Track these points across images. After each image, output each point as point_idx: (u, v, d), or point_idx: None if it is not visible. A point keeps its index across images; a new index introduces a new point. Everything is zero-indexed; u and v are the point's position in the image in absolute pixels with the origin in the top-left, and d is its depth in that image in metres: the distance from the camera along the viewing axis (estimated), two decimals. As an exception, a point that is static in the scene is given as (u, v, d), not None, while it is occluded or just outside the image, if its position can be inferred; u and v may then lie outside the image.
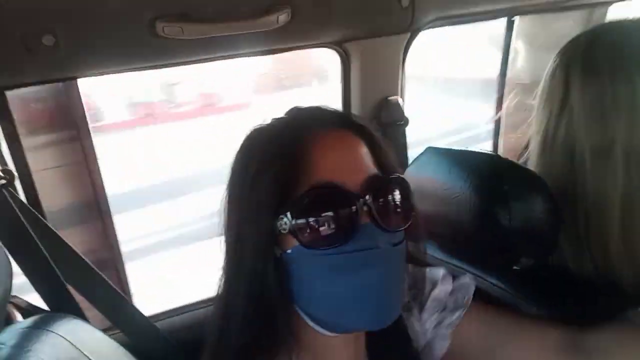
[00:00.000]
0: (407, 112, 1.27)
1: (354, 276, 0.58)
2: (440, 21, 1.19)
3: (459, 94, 6.19)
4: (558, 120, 0.81)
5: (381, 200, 0.61)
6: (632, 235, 0.76)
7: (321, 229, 0.58)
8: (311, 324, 0.63)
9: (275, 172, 0.59)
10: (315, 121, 0.65)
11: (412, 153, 1.25)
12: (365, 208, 0.59)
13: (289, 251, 0.60)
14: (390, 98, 1.22)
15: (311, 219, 0.58)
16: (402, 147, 1.26)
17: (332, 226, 0.58)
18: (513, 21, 1.57)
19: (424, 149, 0.94)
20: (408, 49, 1.22)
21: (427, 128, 4.53)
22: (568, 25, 1.60)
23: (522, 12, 1.50)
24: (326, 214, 0.58)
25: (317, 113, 0.68)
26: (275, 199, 0.59)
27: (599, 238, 0.78)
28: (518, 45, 1.61)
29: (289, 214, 0.59)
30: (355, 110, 1.22)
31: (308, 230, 0.59)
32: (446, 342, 0.77)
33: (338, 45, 1.17)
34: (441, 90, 6.66)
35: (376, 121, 1.22)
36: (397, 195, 0.63)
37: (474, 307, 0.77)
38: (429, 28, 1.19)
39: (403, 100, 1.24)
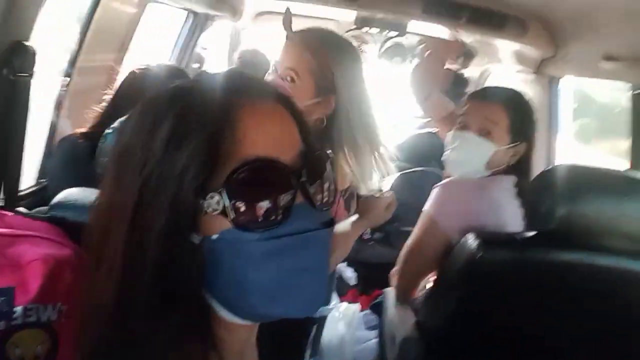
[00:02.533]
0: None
1: (292, 260, 0.53)
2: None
3: None
4: None
5: (315, 177, 0.58)
6: None
7: (259, 209, 0.52)
8: (227, 315, 0.56)
9: (202, 140, 0.50)
10: (242, 89, 0.57)
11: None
12: (300, 186, 0.54)
13: (214, 237, 0.52)
14: (26, 44, 1.00)
15: (249, 198, 0.51)
16: (25, 104, 1.05)
17: (271, 206, 0.52)
18: None
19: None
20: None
21: None
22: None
23: None
24: (265, 191, 0.52)
25: (240, 81, 0.60)
26: (202, 173, 0.50)
27: None
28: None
29: (223, 191, 0.50)
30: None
31: (245, 211, 0.51)
32: None
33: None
34: None
35: (7, 70, 0.97)
36: (328, 172, 0.60)
37: None
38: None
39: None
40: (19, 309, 0.78)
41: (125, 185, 0.53)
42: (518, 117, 1.44)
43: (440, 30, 2.58)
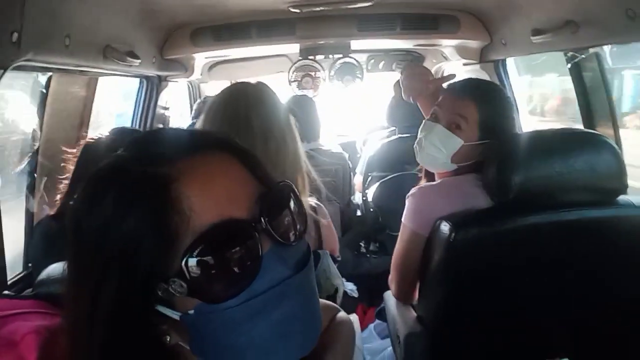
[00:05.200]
0: None
1: (277, 312, 0.51)
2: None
3: None
4: None
5: (279, 213, 0.55)
6: None
7: (226, 277, 0.49)
8: None
9: (146, 224, 0.48)
10: (172, 149, 0.53)
11: None
12: (264, 233, 0.51)
13: (190, 312, 0.50)
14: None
15: (212, 270, 0.49)
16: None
17: (238, 268, 0.50)
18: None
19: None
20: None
21: None
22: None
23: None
24: (227, 258, 0.49)
25: (168, 138, 0.57)
26: (153, 258, 0.48)
27: None
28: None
29: (183, 274, 0.48)
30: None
31: (211, 285, 0.49)
32: None
33: None
34: None
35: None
36: (290, 203, 0.57)
37: None
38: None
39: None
40: (19, 383, 0.81)
41: (80, 265, 0.53)
42: (489, 114, 1.44)
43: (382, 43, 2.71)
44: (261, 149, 1.12)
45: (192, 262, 0.48)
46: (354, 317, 1.78)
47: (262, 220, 0.52)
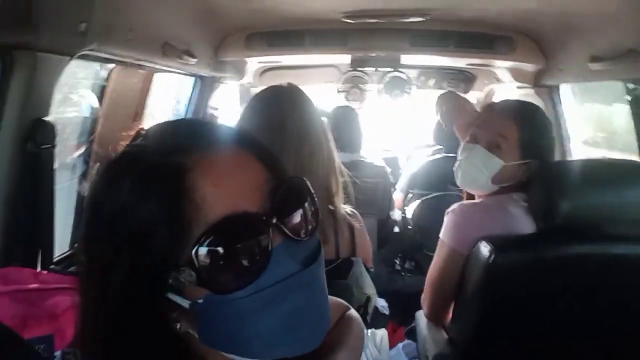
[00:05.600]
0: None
1: (284, 305, 0.52)
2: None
3: None
4: None
5: (292, 209, 0.55)
6: None
7: (235, 268, 0.50)
8: (236, 357, 0.55)
9: (159, 214, 0.50)
10: (192, 146, 0.54)
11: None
12: (274, 228, 0.52)
13: (199, 301, 0.51)
14: (46, 119, 1.13)
15: (221, 261, 0.50)
16: (50, 172, 1.16)
17: (247, 261, 0.50)
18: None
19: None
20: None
21: None
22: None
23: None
24: (237, 250, 0.50)
25: (187, 129, 0.58)
26: (164, 246, 0.49)
27: None
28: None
29: (193, 263, 0.49)
30: (7, 127, 1.05)
31: (220, 276, 0.50)
32: None
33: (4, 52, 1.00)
34: None
35: (31, 144, 1.09)
36: (302, 198, 0.58)
37: None
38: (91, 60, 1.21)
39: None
40: (58, 353, 0.85)
41: (93, 246, 0.54)
42: (530, 134, 1.41)
43: (434, 60, 2.69)
44: (295, 153, 1.13)
45: (202, 252, 0.49)
46: (384, 332, 1.77)
47: (273, 214, 0.52)
